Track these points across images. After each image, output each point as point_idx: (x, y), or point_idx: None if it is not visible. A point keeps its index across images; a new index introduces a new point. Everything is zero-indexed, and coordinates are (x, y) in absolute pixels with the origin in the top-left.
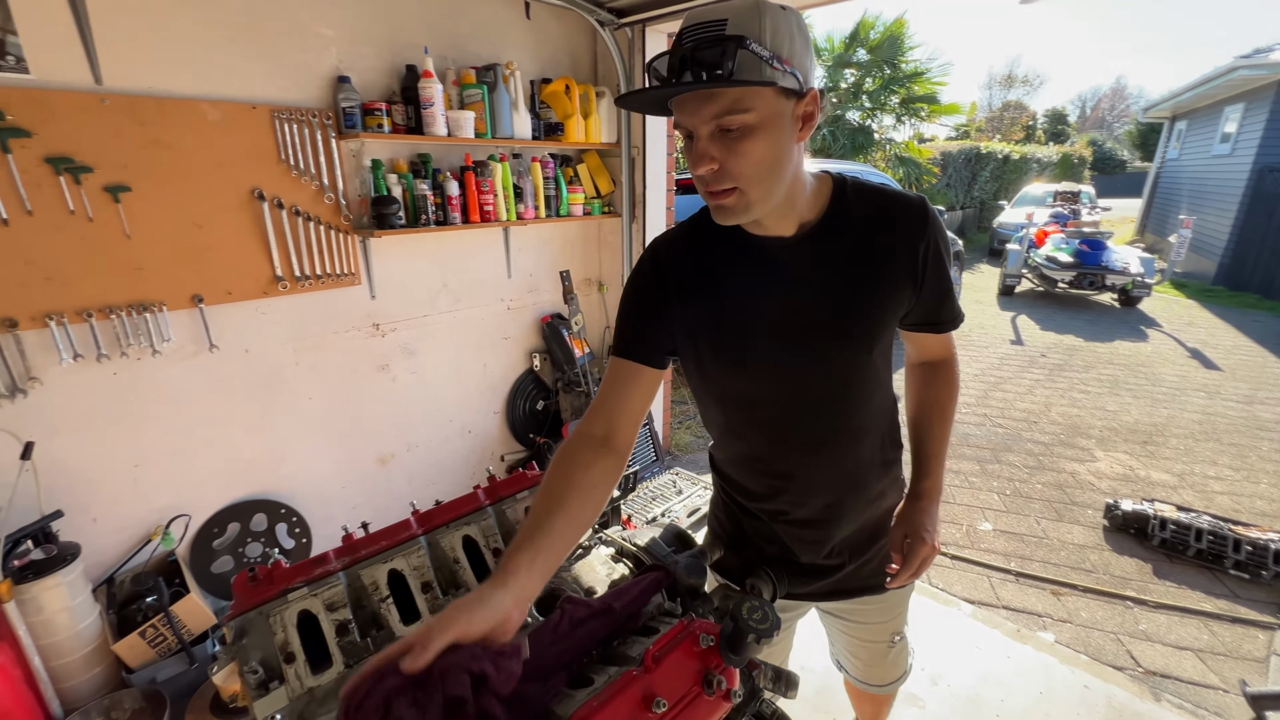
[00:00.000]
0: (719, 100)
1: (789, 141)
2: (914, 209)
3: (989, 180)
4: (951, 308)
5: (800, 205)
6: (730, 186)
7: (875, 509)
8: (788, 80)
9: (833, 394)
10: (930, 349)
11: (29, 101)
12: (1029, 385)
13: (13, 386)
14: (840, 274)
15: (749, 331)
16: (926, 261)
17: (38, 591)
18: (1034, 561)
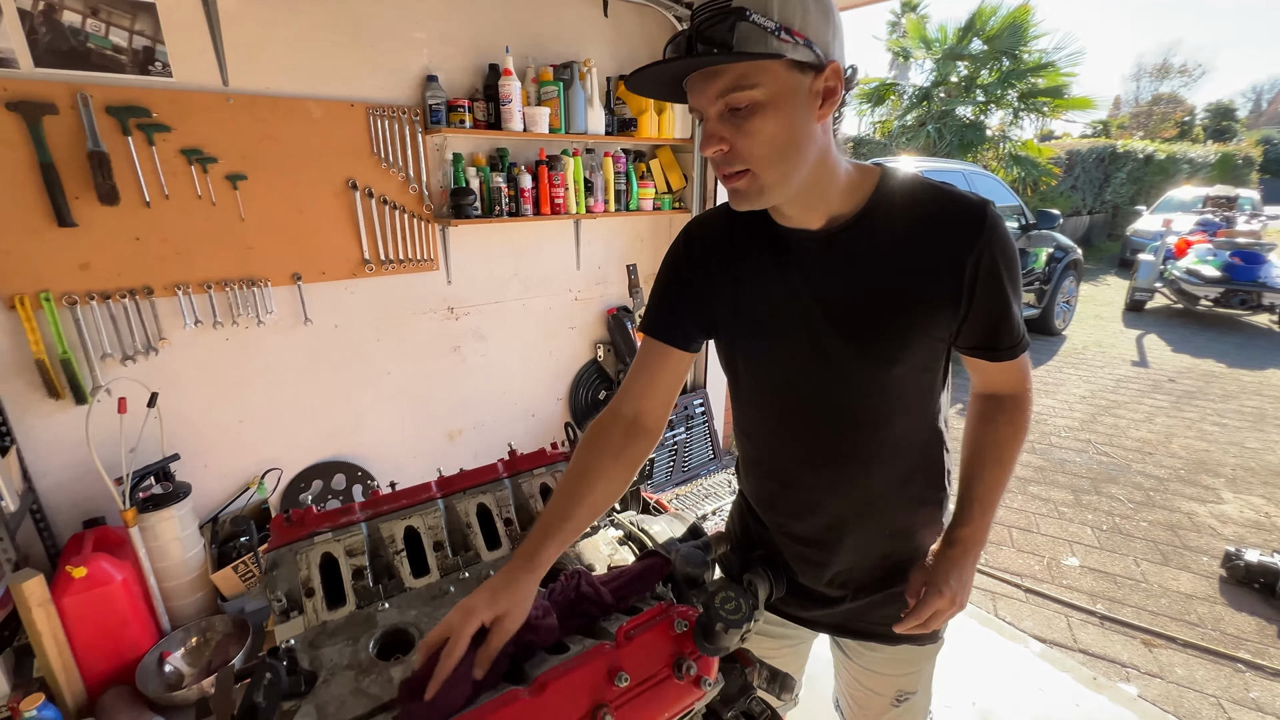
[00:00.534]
0: (723, 77)
1: (805, 119)
2: (968, 214)
3: (1125, 183)
4: (1011, 332)
5: (831, 195)
6: (741, 169)
7: (894, 548)
8: (799, 52)
9: (843, 409)
10: (993, 379)
11: (170, 101)
12: (1148, 412)
13: (147, 344)
14: (867, 277)
15: (761, 325)
16: (977, 276)
17: (155, 521)
18: (1126, 606)
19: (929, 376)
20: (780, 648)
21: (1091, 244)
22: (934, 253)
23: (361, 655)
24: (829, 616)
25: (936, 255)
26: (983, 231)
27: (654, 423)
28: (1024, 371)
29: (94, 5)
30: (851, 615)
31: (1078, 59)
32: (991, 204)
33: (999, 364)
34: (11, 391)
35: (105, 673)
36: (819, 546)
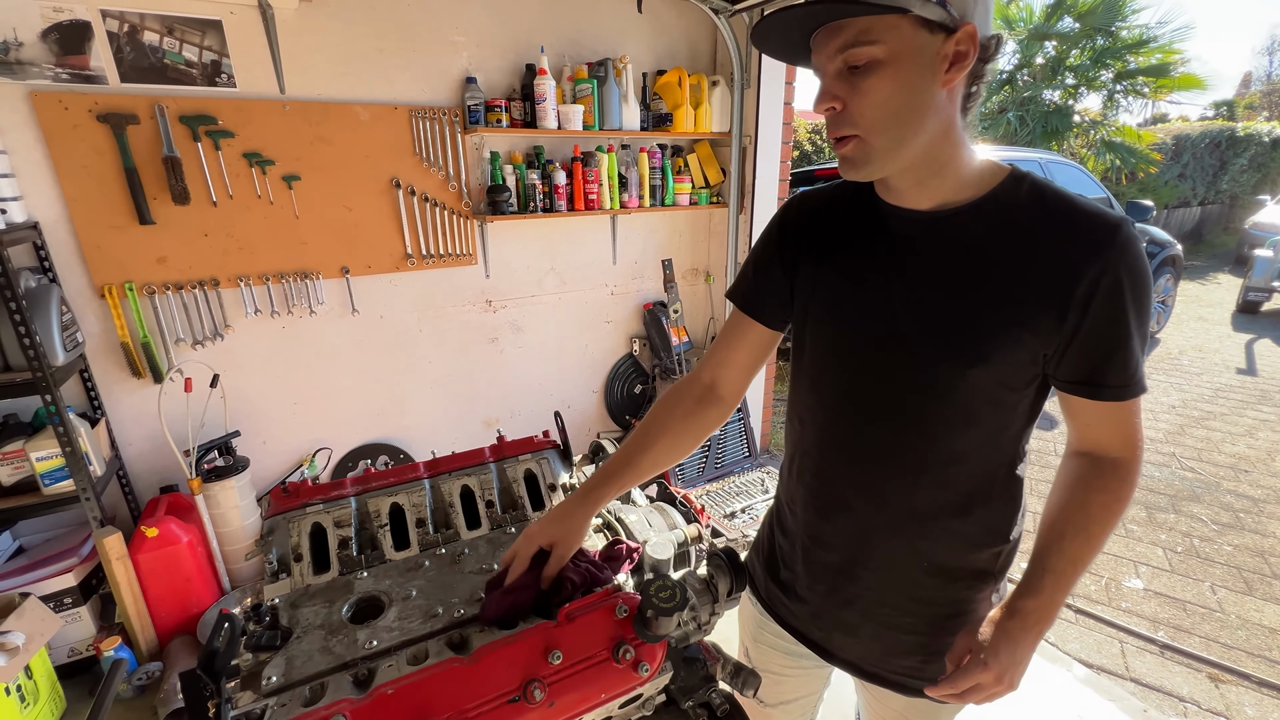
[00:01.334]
0: (844, 32)
1: (928, 84)
2: (1101, 226)
3: (1246, 170)
4: (1123, 369)
5: (949, 177)
6: (850, 133)
7: (928, 589)
8: (929, 10)
9: (905, 404)
10: (1094, 432)
11: (234, 110)
12: (1249, 426)
13: (215, 331)
14: (965, 268)
15: (839, 302)
16: (1095, 293)
17: (218, 490)
18: (1193, 636)
19: (1013, 397)
20: (789, 667)
21: (1203, 238)
22: (1050, 257)
23: (334, 617)
24: (845, 649)
25: (1052, 260)
26: (1113, 246)
27: (729, 392)
28: (1134, 429)
29: (169, 24)
30: (869, 655)
31: (1185, 34)
32: (1130, 223)
33: (1103, 409)
34: (101, 370)
35: (173, 623)
36: (843, 557)
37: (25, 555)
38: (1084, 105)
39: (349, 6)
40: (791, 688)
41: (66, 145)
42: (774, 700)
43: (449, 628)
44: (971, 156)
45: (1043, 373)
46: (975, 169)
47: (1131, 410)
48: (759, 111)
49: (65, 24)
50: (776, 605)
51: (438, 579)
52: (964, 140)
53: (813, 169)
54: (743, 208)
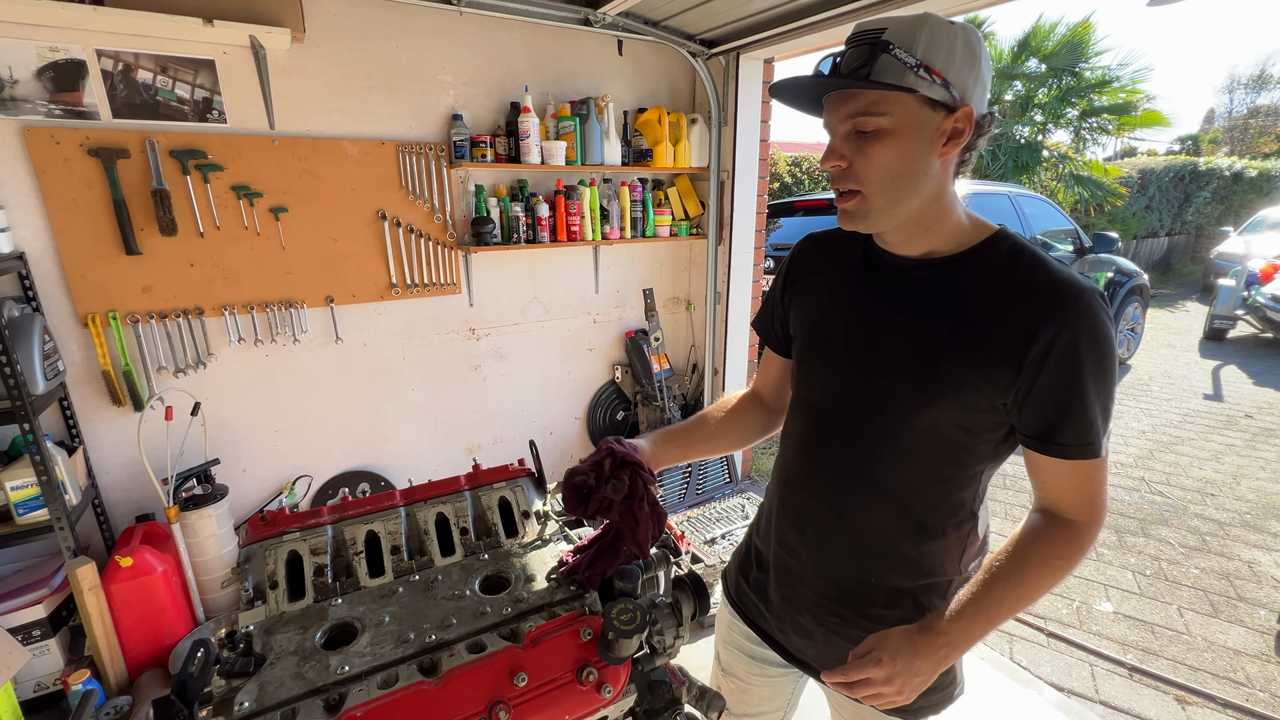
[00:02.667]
0: (856, 100)
1: (926, 154)
2: (1066, 289)
3: (1209, 202)
4: (1077, 428)
5: (937, 231)
6: (853, 189)
7: (876, 606)
8: (934, 91)
9: (870, 433)
10: (1052, 491)
11: (224, 144)
12: (1216, 450)
13: (197, 359)
14: (935, 312)
15: (830, 332)
16: (1050, 351)
17: (195, 518)
18: (1161, 659)
19: (970, 440)
20: (754, 674)
21: (1171, 268)
22: (1013, 314)
23: (308, 644)
24: (801, 651)
25: (1015, 317)
26: (1074, 310)
27: (771, 401)
28: (1093, 492)
29: (163, 63)
30: (820, 658)
31: (1145, 75)
32: (1099, 292)
33: (1061, 467)
34: (81, 398)
35: (144, 656)
36: (804, 565)
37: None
38: (1054, 140)
39: (339, 47)
40: (758, 698)
41: (56, 178)
42: (740, 711)
43: (420, 652)
44: (961, 215)
45: (1009, 423)
46: (963, 226)
47: (1089, 472)
48: (736, 148)
49: (60, 63)
50: (745, 604)
51: (411, 605)
52: (954, 202)
53: (792, 200)
54: (721, 239)
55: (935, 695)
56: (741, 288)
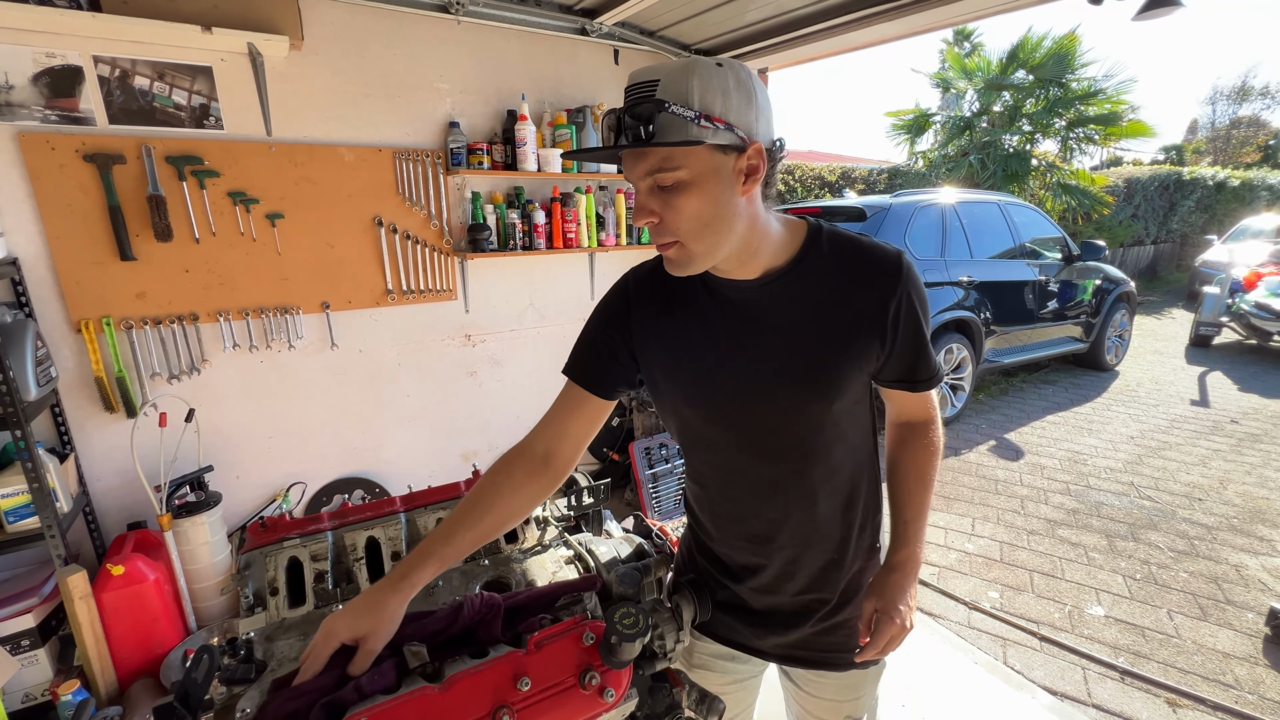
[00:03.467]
0: (649, 158)
1: (729, 195)
2: (887, 263)
3: (1193, 211)
4: (927, 366)
5: (765, 252)
6: (671, 240)
7: (839, 574)
8: (720, 136)
9: (790, 443)
10: (908, 408)
11: (221, 151)
12: (1203, 455)
13: (191, 365)
14: (804, 320)
15: (704, 369)
16: (899, 318)
17: (188, 526)
18: (1152, 662)
19: (861, 408)
20: (728, 684)
21: (1158, 275)
22: (862, 293)
23: None
24: (780, 646)
25: (864, 294)
26: (901, 277)
27: (562, 464)
28: (932, 399)
29: (161, 70)
30: (801, 643)
31: (1129, 86)
32: (904, 254)
33: (918, 394)
34: (73, 405)
35: (135, 665)
36: (772, 577)
37: None
38: (1042, 149)
39: (337, 55)
40: (732, 702)
41: (51, 184)
42: None
43: None
44: (777, 229)
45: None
46: (784, 237)
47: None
48: None
49: (57, 69)
50: (714, 625)
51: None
52: (769, 221)
53: (786, 208)
54: None
55: None
56: None
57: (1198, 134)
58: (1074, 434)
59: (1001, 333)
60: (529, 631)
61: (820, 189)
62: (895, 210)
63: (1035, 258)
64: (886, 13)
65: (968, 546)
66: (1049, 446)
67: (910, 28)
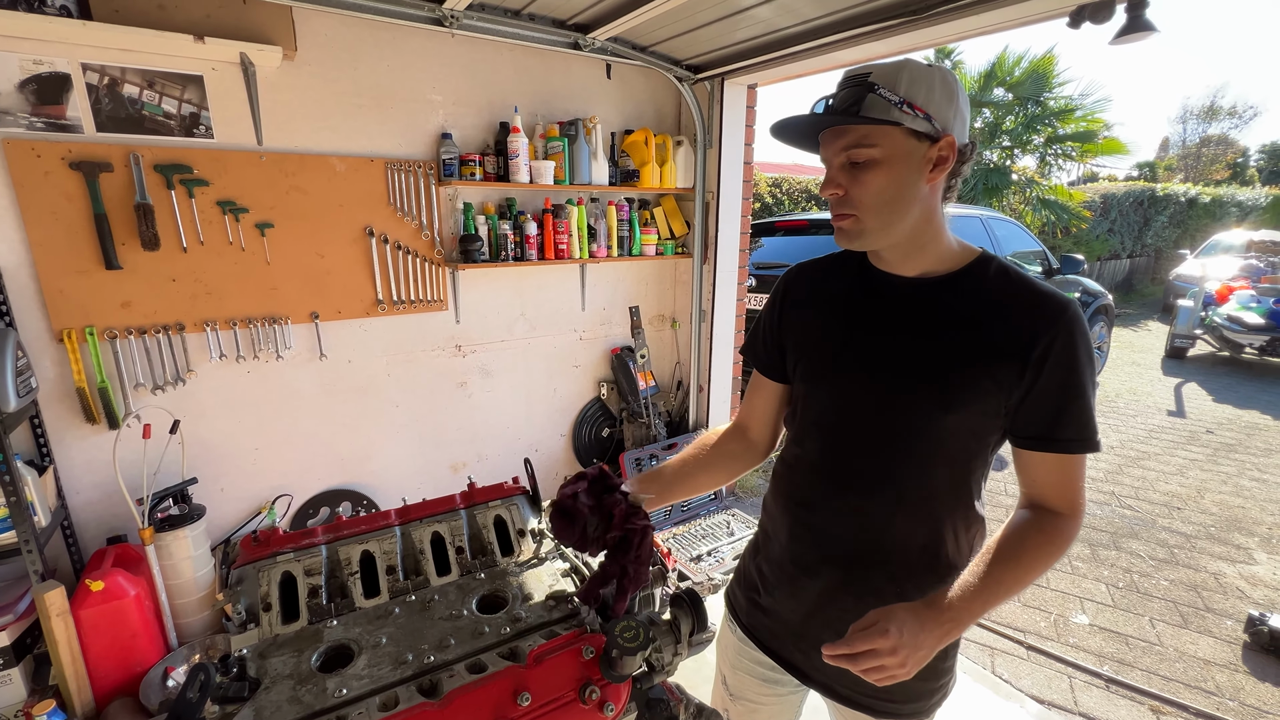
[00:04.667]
0: (848, 135)
1: (914, 179)
2: (1054, 302)
3: (1167, 226)
4: (1079, 423)
5: (930, 252)
6: (850, 212)
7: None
8: (918, 124)
9: (888, 442)
10: (1045, 488)
11: (211, 160)
12: (1180, 465)
13: (176, 375)
14: (943, 326)
15: (839, 353)
16: (1048, 354)
17: (170, 540)
18: (1136, 670)
19: (976, 444)
20: (765, 694)
21: (1134, 288)
22: (1012, 321)
23: (303, 667)
24: (821, 671)
25: (1014, 324)
26: (1065, 316)
27: (757, 436)
28: (1078, 488)
29: (151, 78)
30: (843, 676)
31: (1104, 105)
32: (1077, 304)
33: (1053, 462)
34: (53, 416)
35: (113, 684)
36: (826, 582)
37: None
38: (1021, 165)
39: (330, 65)
40: (766, 715)
41: (36, 191)
42: None
43: (419, 674)
44: (949, 238)
45: (1003, 427)
46: (952, 248)
47: (1076, 468)
48: (720, 169)
49: (44, 75)
50: (759, 630)
51: (407, 625)
52: (944, 224)
53: (774, 220)
54: (706, 258)
55: (932, 695)
56: (726, 306)
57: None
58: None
59: None
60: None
61: (808, 202)
62: None
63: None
64: (873, 33)
65: None
66: None
67: (895, 48)
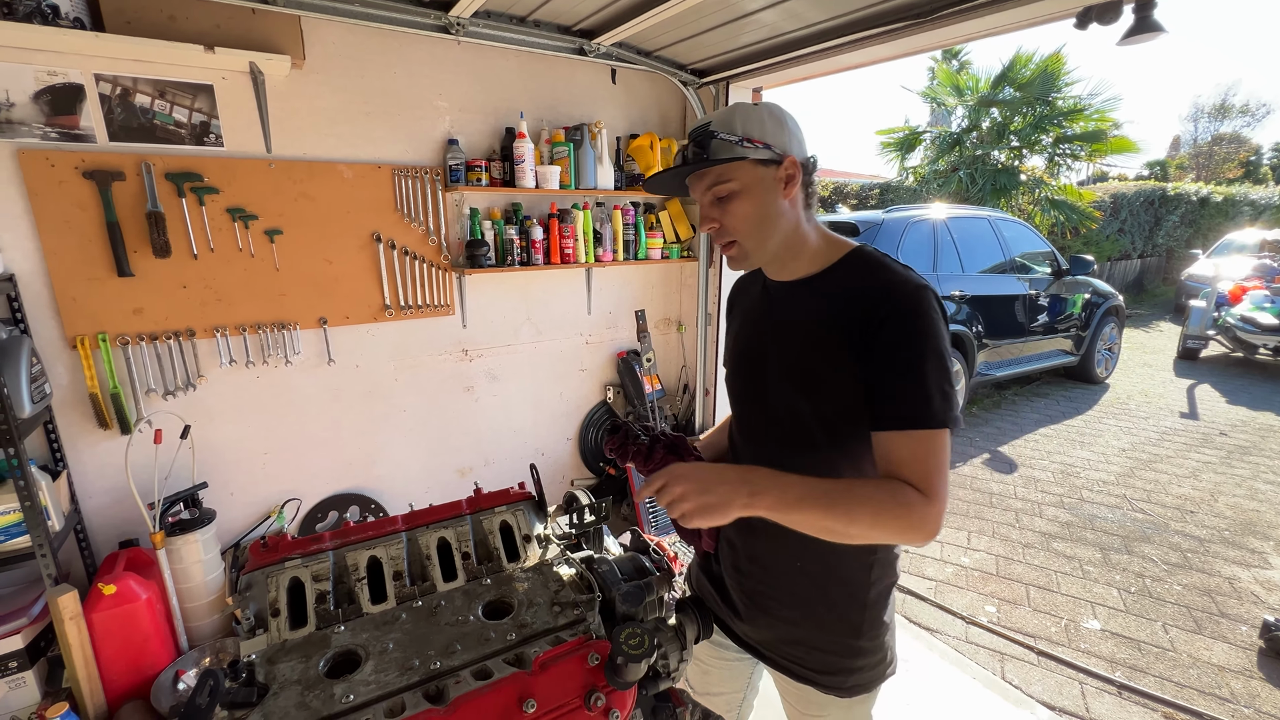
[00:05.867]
0: (708, 176)
1: (773, 199)
2: (896, 284)
3: (1178, 226)
4: (913, 400)
5: (804, 257)
6: (730, 240)
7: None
8: (760, 154)
9: (777, 428)
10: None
11: (220, 168)
12: (1193, 468)
13: (187, 381)
14: (804, 320)
15: (740, 352)
16: (880, 334)
17: (181, 544)
18: (1148, 676)
19: (849, 428)
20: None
21: (1144, 289)
22: (858, 310)
23: (311, 672)
24: (749, 635)
25: (858, 311)
26: (902, 296)
27: None
28: (931, 467)
29: (162, 88)
30: (765, 641)
31: (1114, 104)
32: (931, 290)
33: (896, 440)
34: (66, 422)
35: (125, 687)
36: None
37: None
38: (1030, 165)
39: (337, 73)
40: (718, 679)
41: (50, 200)
42: (702, 690)
43: (425, 680)
44: (820, 241)
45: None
46: (819, 248)
47: (925, 445)
48: None
49: (58, 86)
50: (706, 598)
51: (414, 631)
52: (811, 231)
53: None
54: (712, 261)
55: (866, 670)
56: None
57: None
58: (1066, 447)
59: (993, 346)
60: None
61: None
62: (888, 225)
63: (1025, 272)
64: (879, 36)
65: (964, 560)
66: (1042, 459)
67: (902, 49)
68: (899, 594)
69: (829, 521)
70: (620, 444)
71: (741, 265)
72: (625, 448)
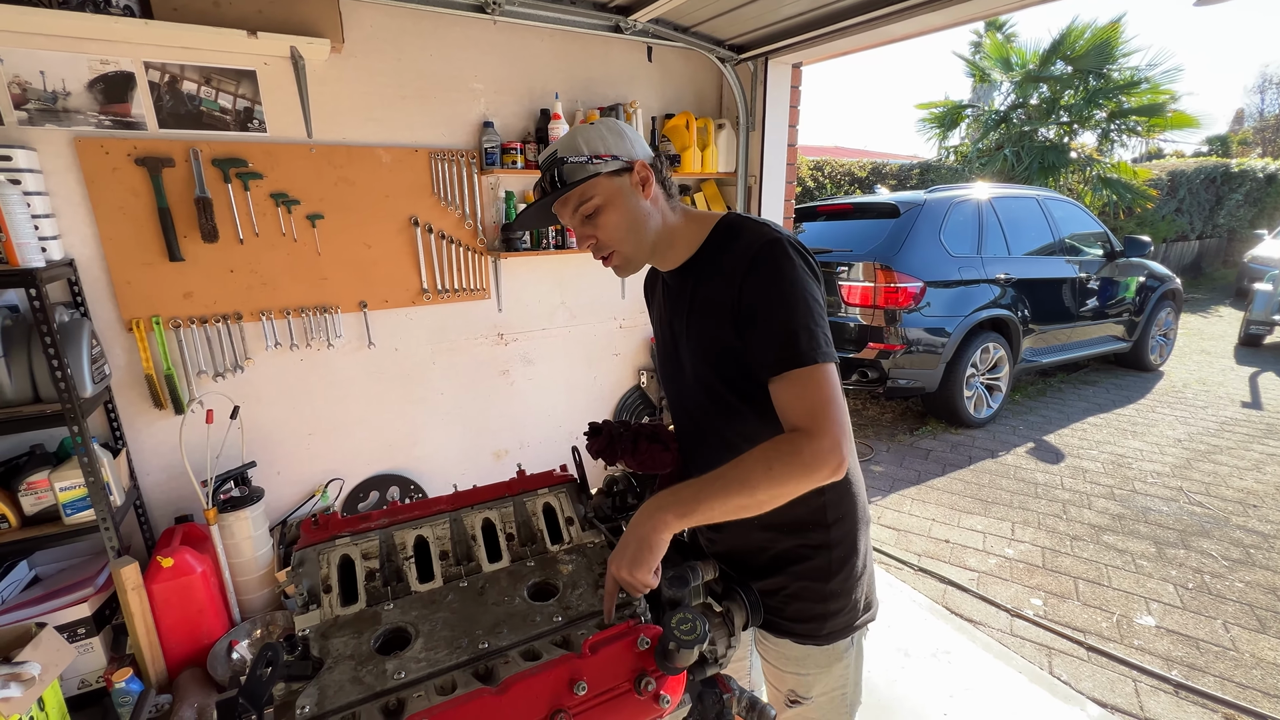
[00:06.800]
0: (571, 199)
1: (635, 202)
2: (751, 242)
3: (1241, 205)
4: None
5: (680, 245)
6: (608, 252)
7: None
8: (610, 165)
9: (697, 402)
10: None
11: (264, 153)
12: (1256, 460)
13: (235, 363)
14: (700, 303)
15: (659, 340)
16: (744, 288)
17: (233, 520)
18: (1208, 675)
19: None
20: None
21: (1202, 272)
22: (727, 277)
23: (364, 648)
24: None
25: (727, 279)
26: (755, 255)
27: None
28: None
29: (207, 75)
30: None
31: (1174, 75)
32: (786, 238)
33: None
34: (125, 401)
35: (183, 655)
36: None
37: (41, 585)
38: (1080, 141)
39: (375, 57)
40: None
41: (105, 187)
42: None
43: (474, 659)
44: (688, 226)
45: None
46: (689, 231)
47: (804, 383)
48: (764, 152)
49: (111, 75)
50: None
51: (461, 611)
52: (679, 219)
53: (815, 204)
54: None
55: (841, 615)
56: None
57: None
58: (1117, 436)
59: (1040, 331)
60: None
61: (850, 185)
62: (930, 206)
63: (1075, 254)
64: (925, 4)
65: (1008, 551)
66: (1091, 449)
67: (949, 19)
68: (939, 584)
69: (736, 500)
70: (606, 444)
71: (628, 271)
72: (611, 447)
